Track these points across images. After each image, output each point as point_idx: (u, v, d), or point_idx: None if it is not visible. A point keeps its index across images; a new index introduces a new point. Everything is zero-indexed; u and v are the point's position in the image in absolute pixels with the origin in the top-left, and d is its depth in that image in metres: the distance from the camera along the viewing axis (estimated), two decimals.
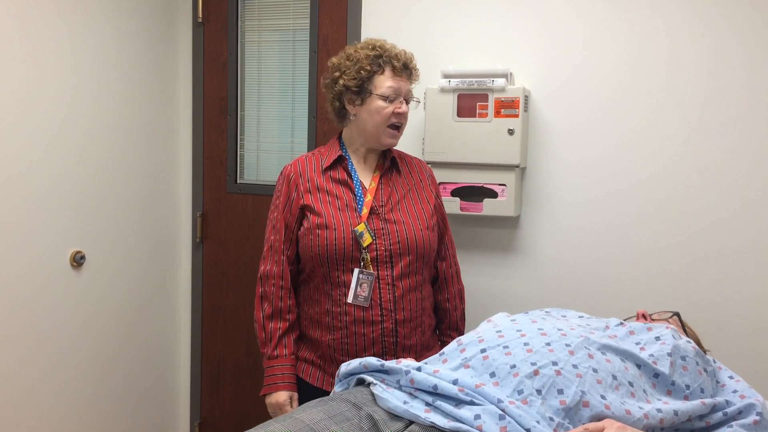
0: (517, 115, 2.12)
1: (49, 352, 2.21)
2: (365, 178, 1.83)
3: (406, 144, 2.37)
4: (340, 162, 1.82)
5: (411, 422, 1.22)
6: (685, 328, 1.69)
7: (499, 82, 2.13)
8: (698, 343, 1.63)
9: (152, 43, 2.57)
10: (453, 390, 1.23)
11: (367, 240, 1.72)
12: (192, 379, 2.84)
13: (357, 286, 1.71)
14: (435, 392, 1.25)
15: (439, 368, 1.32)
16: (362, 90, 1.76)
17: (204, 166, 2.75)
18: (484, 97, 2.15)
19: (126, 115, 2.47)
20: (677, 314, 1.72)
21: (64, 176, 2.22)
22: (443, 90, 2.19)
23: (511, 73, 2.18)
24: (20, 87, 2.05)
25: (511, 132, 2.13)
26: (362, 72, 1.75)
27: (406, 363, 1.34)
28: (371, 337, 1.73)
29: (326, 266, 1.73)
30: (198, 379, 2.83)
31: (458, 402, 1.22)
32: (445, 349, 1.43)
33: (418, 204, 1.85)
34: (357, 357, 1.68)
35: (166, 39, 2.65)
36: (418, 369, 1.30)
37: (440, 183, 2.24)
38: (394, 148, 1.89)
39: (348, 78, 1.76)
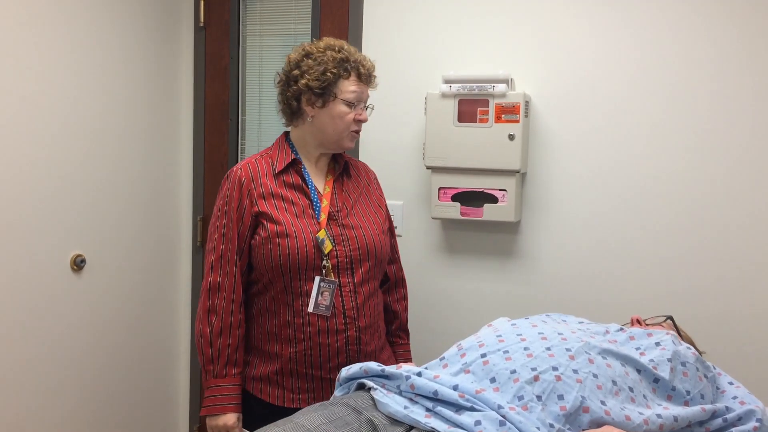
0: (517, 121, 2.13)
1: (48, 355, 2.20)
2: (318, 182, 1.78)
3: (407, 149, 2.38)
4: (293, 165, 1.75)
5: (411, 427, 1.23)
6: (679, 331, 1.69)
7: (500, 87, 2.13)
8: (693, 345, 1.63)
9: (154, 46, 2.58)
10: (453, 396, 1.23)
11: (328, 247, 1.67)
12: (191, 383, 2.84)
13: (318, 295, 1.65)
14: (435, 398, 1.25)
15: (440, 373, 1.32)
16: (325, 92, 1.70)
17: (205, 170, 2.76)
18: (485, 103, 2.15)
19: (127, 119, 2.47)
20: (671, 318, 1.73)
21: (65, 179, 2.22)
22: (444, 95, 2.19)
23: (511, 79, 2.19)
24: (22, 89, 2.06)
25: (511, 137, 2.13)
26: (328, 74, 1.68)
27: (407, 368, 1.34)
28: (336, 347, 1.68)
29: (287, 276, 1.66)
30: (197, 383, 2.83)
31: (458, 408, 1.22)
32: (446, 354, 1.43)
33: (370, 208, 1.83)
34: (321, 368, 1.67)
35: (167, 43, 2.65)
36: (419, 374, 1.31)
37: (441, 188, 2.25)
38: (356, 152, 1.87)
39: (311, 78, 1.68)
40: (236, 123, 2.71)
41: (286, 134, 1.83)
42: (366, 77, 1.74)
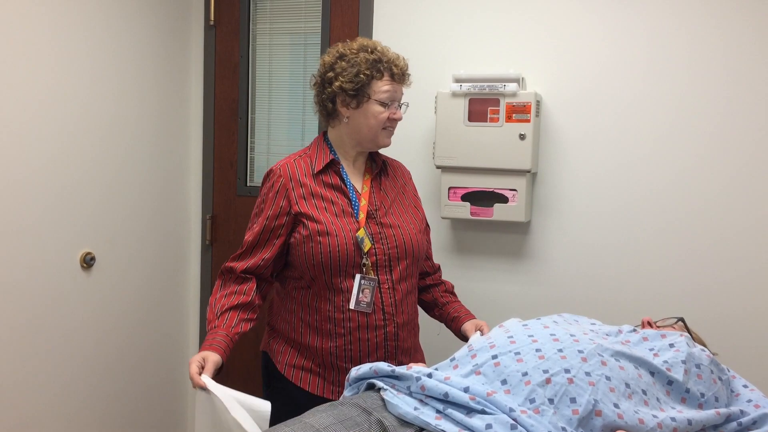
0: (528, 120, 2.11)
1: (57, 353, 2.21)
2: (356, 182, 1.80)
3: (417, 148, 2.37)
4: (332, 166, 1.78)
5: (421, 429, 1.22)
6: (690, 333, 1.67)
7: (511, 86, 2.12)
8: (706, 347, 1.62)
9: (164, 45, 2.58)
10: (464, 398, 1.22)
11: (367, 245, 1.70)
12: None
13: (359, 292, 1.70)
14: (446, 400, 1.24)
15: (450, 375, 1.31)
16: (359, 94, 1.71)
17: (214, 169, 2.76)
18: (496, 102, 2.14)
19: (137, 117, 2.47)
20: (682, 319, 1.71)
21: (75, 177, 2.22)
22: (454, 94, 2.18)
23: (522, 78, 2.17)
24: (32, 87, 2.06)
25: (522, 137, 2.12)
26: (361, 76, 1.70)
27: (417, 369, 1.33)
28: (375, 342, 1.72)
29: (328, 273, 1.70)
30: None
31: (469, 410, 1.21)
32: (456, 355, 1.42)
33: (408, 208, 1.85)
34: (360, 363, 1.67)
35: (178, 41, 2.66)
36: (429, 375, 1.30)
37: (451, 188, 2.24)
38: (378, 151, 1.87)
39: (345, 80, 1.71)
40: (246, 121, 2.71)
41: (324, 134, 1.85)
42: (399, 77, 1.75)
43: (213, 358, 1.60)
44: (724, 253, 2.07)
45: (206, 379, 1.53)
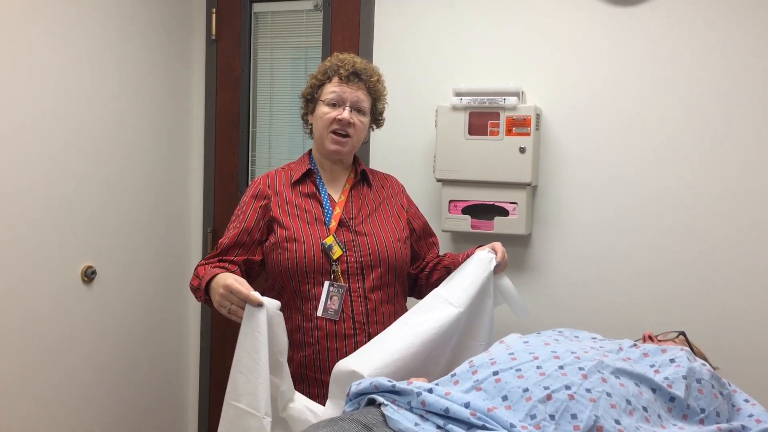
0: (528, 134, 2.12)
1: (59, 367, 2.21)
2: (334, 191, 1.83)
3: (417, 161, 2.38)
4: (309, 176, 1.82)
5: None
6: (692, 347, 1.67)
7: (511, 100, 2.13)
8: (707, 361, 1.61)
9: (166, 59, 2.59)
10: (465, 414, 1.21)
11: (337, 252, 1.70)
12: (200, 392, 2.84)
13: (327, 299, 1.69)
14: (446, 415, 1.23)
15: (451, 390, 1.30)
16: (312, 98, 1.82)
17: (215, 182, 2.76)
18: (496, 116, 2.15)
19: (139, 130, 2.48)
20: (683, 333, 1.71)
21: (76, 190, 2.23)
22: (455, 108, 2.19)
23: (522, 92, 2.18)
24: (33, 101, 2.07)
25: (522, 150, 2.13)
26: (313, 80, 1.82)
27: (418, 384, 1.33)
28: (344, 352, 1.68)
29: (296, 280, 1.71)
30: (206, 393, 2.83)
31: (470, 426, 1.20)
32: (457, 370, 1.42)
33: (389, 217, 1.85)
34: (330, 374, 1.66)
35: (179, 55, 2.67)
36: (430, 391, 1.29)
37: (451, 201, 2.24)
38: (360, 160, 1.91)
39: (305, 89, 1.84)
40: (247, 135, 2.72)
41: (310, 150, 1.91)
42: (347, 78, 1.77)
43: (235, 276, 1.53)
44: (724, 263, 2.07)
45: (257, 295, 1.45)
